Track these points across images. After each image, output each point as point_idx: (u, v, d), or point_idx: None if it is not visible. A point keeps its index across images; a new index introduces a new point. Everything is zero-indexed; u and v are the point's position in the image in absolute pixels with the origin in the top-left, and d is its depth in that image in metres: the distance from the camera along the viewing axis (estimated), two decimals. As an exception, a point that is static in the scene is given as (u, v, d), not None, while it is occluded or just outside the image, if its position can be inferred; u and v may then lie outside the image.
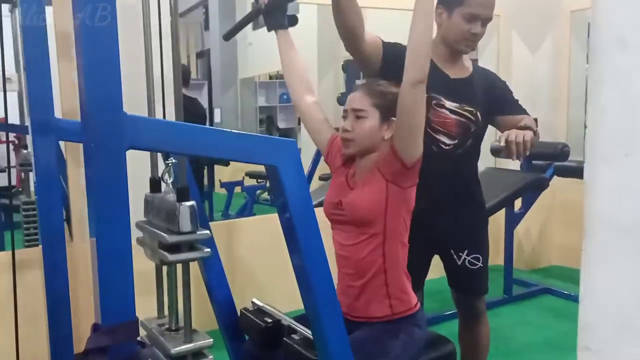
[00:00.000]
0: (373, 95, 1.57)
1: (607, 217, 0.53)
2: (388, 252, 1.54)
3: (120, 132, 0.88)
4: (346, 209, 1.56)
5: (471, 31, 1.89)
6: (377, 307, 1.55)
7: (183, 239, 1.16)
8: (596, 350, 0.55)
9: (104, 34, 0.87)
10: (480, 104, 1.99)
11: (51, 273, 1.44)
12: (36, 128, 1.38)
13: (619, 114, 0.52)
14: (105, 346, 0.90)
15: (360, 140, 1.56)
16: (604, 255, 0.54)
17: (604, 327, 0.55)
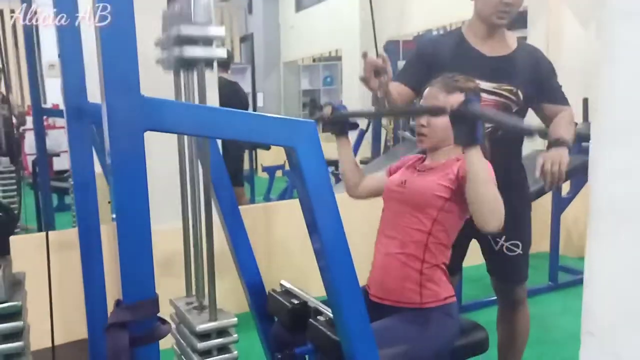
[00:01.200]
0: (449, 91, 1.61)
1: (611, 200, 0.50)
2: (431, 243, 1.55)
3: (137, 115, 0.90)
4: (408, 188, 1.60)
5: (503, 0, 1.82)
6: (407, 292, 1.54)
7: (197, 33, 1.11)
8: (599, 336, 0.53)
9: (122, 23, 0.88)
10: (522, 82, 1.92)
11: (87, 253, 1.50)
12: (70, 113, 1.43)
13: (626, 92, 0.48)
14: (126, 321, 0.93)
15: (436, 134, 1.61)
16: (609, 241, 0.51)
17: (607, 313, 0.53)
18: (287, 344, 1.59)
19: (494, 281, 2.11)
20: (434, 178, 1.56)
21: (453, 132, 1.40)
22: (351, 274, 1.14)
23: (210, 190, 1.24)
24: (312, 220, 1.11)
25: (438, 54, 1.93)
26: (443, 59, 1.90)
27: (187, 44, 1.10)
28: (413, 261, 1.54)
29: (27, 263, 1.55)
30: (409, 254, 1.55)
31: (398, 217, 1.60)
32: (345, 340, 1.20)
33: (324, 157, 1.08)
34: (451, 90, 1.61)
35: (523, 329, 2.12)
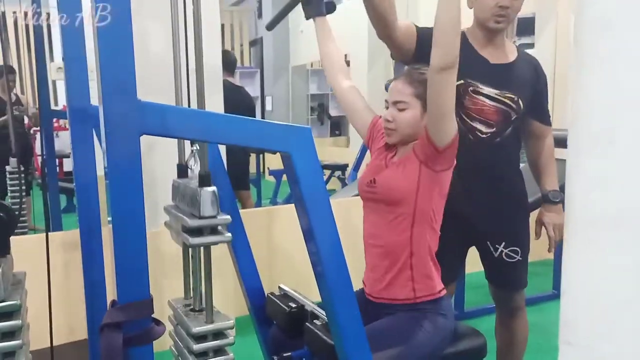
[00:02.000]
0: (414, 85, 1.56)
1: (589, 209, 0.51)
2: (416, 235, 1.53)
3: (133, 119, 0.92)
4: (378, 186, 1.57)
5: (499, 4, 1.81)
6: (400, 289, 1.54)
7: (204, 223, 1.19)
8: (577, 346, 0.53)
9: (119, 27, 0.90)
10: (523, 91, 1.92)
11: (88, 254, 1.52)
12: (73, 115, 1.45)
13: (603, 101, 0.49)
14: (120, 322, 0.94)
15: (402, 130, 1.57)
16: (585, 248, 0.52)
17: (584, 322, 0.53)
18: (285, 348, 1.59)
19: (492, 288, 2.11)
20: (401, 171, 1.54)
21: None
22: (345, 279, 1.15)
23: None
24: (307, 226, 1.11)
25: None
26: None
27: (194, 234, 1.19)
28: (402, 257, 1.53)
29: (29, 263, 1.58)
30: (396, 250, 1.54)
31: (378, 216, 1.58)
32: (339, 345, 1.21)
33: (319, 163, 1.09)
34: (415, 84, 1.55)
35: (522, 335, 2.11)
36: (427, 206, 1.53)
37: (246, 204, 4.47)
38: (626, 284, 0.49)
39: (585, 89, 0.51)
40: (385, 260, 1.56)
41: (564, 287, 0.54)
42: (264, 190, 6.53)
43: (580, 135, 0.51)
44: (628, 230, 0.49)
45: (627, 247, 0.48)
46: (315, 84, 9.97)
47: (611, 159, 0.49)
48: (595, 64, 0.50)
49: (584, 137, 0.51)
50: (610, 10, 0.48)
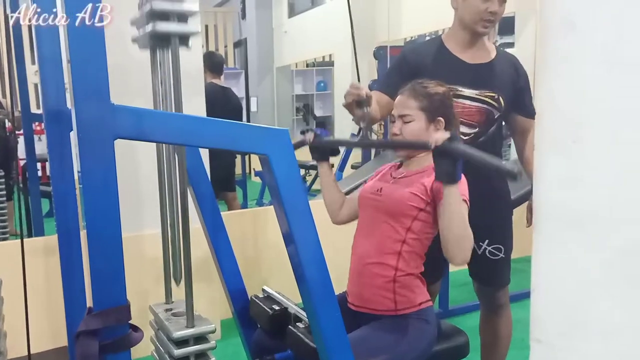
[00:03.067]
0: (418, 98, 1.61)
1: (555, 207, 0.51)
2: (405, 251, 1.55)
3: (107, 123, 0.90)
4: (384, 195, 1.60)
5: (488, 9, 1.83)
6: (382, 300, 1.54)
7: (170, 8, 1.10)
8: (547, 343, 0.54)
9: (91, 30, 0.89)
10: (504, 89, 1.93)
11: (67, 259, 1.49)
12: (49, 118, 1.43)
13: (567, 101, 0.49)
14: (96, 329, 0.93)
15: None
16: (553, 246, 0.52)
17: (554, 319, 0.53)
18: (269, 350, 1.59)
19: (476, 285, 2.12)
20: (409, 188, 1.56)
21: (435, 167, 1.42)
22: (326, 281, 1.14)
23: (186, 196, 1.23)
24: (286, 228, 1.11)
25: (420, 62, 1.94)
26: (425, 67, 1.90)
27: (161, 19, 1.10)
28: (387, 269, 1.54)
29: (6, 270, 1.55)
30: (382, 262, 1.55)
31: (373, 224, 1.60)
32: (321, 348, 1.21)
33: (297, 165, 1.09)
34: (419, 97, 1.61)
35: (505, 332, 2.13)
36: (422, 229, 1.56)
37: (232, 205, 4.44)
38: (592, 282, 0.50)
39: (549, 89, 0.51)
40: (371, 271, 1.56)
41: (533, 285, 0.54)
42: (250, 192, 6.50)
43: (545, 134, 0.52)
44: (593, 228, 0.49)
45: (592, 245, 0.49)
46: (300, 84, 9.96)
47: (575, 158, 0.50)
48: (558, 64, 0.50)
49: (549, 136, 0.51)
50: (572, 12, 0.48)
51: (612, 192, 0.47)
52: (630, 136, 0.46)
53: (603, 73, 0.47)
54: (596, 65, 0.47)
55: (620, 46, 0.45)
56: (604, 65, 0.47)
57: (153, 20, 1.09)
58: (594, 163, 0.48)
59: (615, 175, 0.47)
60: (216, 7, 10.59)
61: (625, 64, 0.45)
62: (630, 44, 0.45)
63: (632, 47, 0.44)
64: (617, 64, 0.46)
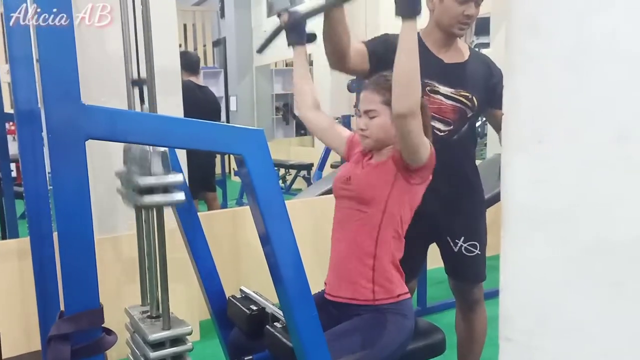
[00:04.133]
0: (381, 92, 1.59)
1: (522, 206, 0.52)
2: (382, 238, 1.55)
3: (78, 123, 0.89)
4: (353, 183, 1.60)
5: (465, 13, 1.86)
6: (360, 290, 1.54)
7: (155, 182, 1.14)
8: (516, 342, 0.54)
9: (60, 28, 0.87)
10: (477, 89, 1.96)
11: (39, 262, 1.47)
12: (21, 118, 1.40)
13: (532, 101, 0.50)
14: (68, 333, 0.91)
15: (375, 136, 1.61)
16: (520, 245, 0.53)
17: (523, 318, 0.54)
18: (246, 350, 1.58)
19: (452, 282, 2.14)
20: (377, 172, 1.57)
21: (395, 5, 1.40)
22: (303, 282, 1.14)
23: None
24: (262, 228, 1.11)
25: None
26: None
27: (147, 193, 1.14)
28: (365, 258, 1.54)
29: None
30: (360, 250, 1.55)
31: (348, 214, 1.60)
32: (298, 348, 1.21)
33: (273, 165, 1.09)
34: (382, 92, 1.58)
35: (481, 328, 2.15)
36: (397, 211, 1.55)
37: (212, 205, 4.42)
38: (559, 280, 0.50)
39: (515, 89, 0.52)
40: (349, 259, 1.57)
41: (502, 284, 0.55)
42: (230, 191, 6.47)
43: (512, 134, 0.52)
44: (559, 227, 0.50)
45: (557, 243, 0.49)
46: (279, 84, 9.93)
47: (541, 158, 0.50)
48: (524, 64, 0.51)
49: (515, 136, 0.52)
50: (538, 13, 0.49)
51: (577, 191, 0.48)
52: (593, 136, 0.47)
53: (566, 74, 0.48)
54: (560, 66, 0.48)
55: (582, 48, 0.46)
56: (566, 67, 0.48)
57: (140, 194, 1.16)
58: (558, 163, 0.49)
59: (579, 175, 0.48)
60: (194, 5, 10.50)
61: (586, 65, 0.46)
62: (590, 46, 0.45)
63: (593, 49, 0.45)
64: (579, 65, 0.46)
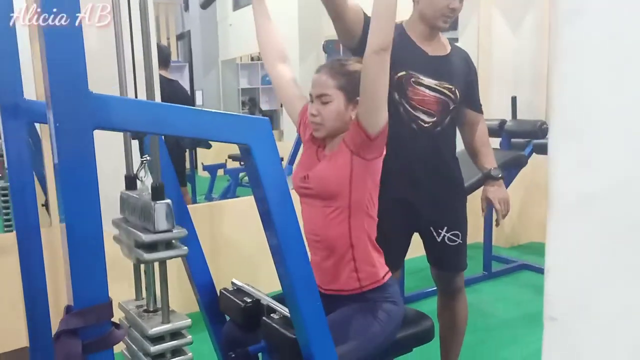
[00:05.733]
0: (336, 77, 1.54)
1: (568, 190, 0.53)
2: (354, 226, 1.53)
3: (86, 112, 0.87)
4: (312, 181, 1.55)
5: (450, 6, 1.89)
6: (346, 280, 1.55)
7: (159, 238, 1.16)
8: (561, 321, 0.56)
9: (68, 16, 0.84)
10: (459, 82, 2.00)
11: (26, 258, 1.42)
12: (5, 111, 1.35)
13: (578, 85, 0.52)
14: (77, 328, 0.89)
15: (328, 123, 1.55)
16: (566, 227, 0.54)
17: (567, 298, 0.56)
18: (240, 343, 1.57)
19: (435, 271, 2.18)
20: (333, 164, 1.53)
21: None
22: (307, 269, 1.15)
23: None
24: (268, 217, 1.10)
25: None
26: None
27: (150, 249, 1.16)
28: (342, 250, 1.53)
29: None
30: (336, 244, 1.54)
31: (314, 211, 1.57)
32: (302, 336, 1.21)
33: (278, 154, 1.08)
34: (337, 76, 1.54)
35: (463, 315, 2.21)
36: (362, 196, 1.53)
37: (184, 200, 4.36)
38: (602, 262, 0.53)
39: (561, 75, 0.53)
40: (327, 255, 1.56)
41: (547, 265, 0.56)
42: (198, 186, 6.39)
43: (559, 119, 0.54)
44: (603, 210, 0.52)
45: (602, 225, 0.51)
46: (245, 78, 9.85)
47: (586, 142, 0.52)
48: (569, 51, 0.52)
49: (561, 121, 0.54)
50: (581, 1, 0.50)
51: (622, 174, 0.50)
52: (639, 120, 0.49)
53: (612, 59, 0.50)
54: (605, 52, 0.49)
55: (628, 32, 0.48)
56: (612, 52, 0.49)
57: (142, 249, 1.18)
58: (604, 146, 0.51)
59: (625, 158, 0.50)
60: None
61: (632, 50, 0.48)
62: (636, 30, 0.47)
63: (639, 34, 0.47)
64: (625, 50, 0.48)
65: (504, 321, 3.12)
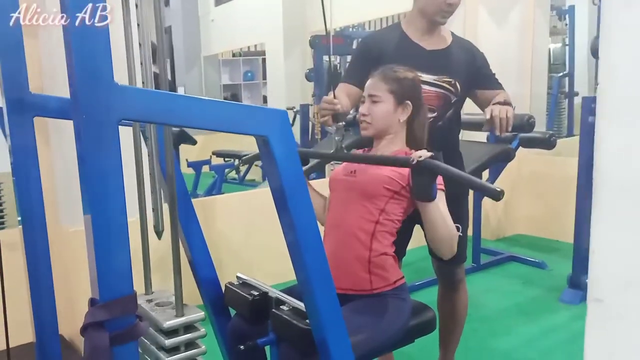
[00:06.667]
0: (388, 82, 1.68)
1: (614, 175, 0.55)
2: (379, 231, 1.59)
3: (112, 104, 0.86)
4: (358, 176, 1.64)
5: (447, 1, 1.92)
6: (356, 281, 1.58)
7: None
8: (606, 302, 0.58)
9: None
10: (459, 74, 2.02)
11: (32, 253, 1.41)
12: (11, 106, 1.33)
13: (628, 72, 0.54)
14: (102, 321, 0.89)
15: (376, 122, 1.68)
16: (611, 211, 0.57)
17: (612, 280, 0.58)
18: (247, 337, 1.57)
19: (436, 263, 2.21)
20: (385, 170, 1.60)
21: (412, 183, 1.50)
22: (323, 261, 1.16)
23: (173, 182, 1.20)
24: (284, 209, 1.11)
25: (382, 49, 1.99)
26: (387, 54, 1.95)
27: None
28: (361, 250, 1.58)
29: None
30: (356, 243, 1.58)
31: (346, 206, 1.63)
32: (317, 326, 1.22)
33: (296, 146, 1.09)
34: (389, 81, 1.67)
35: (463, 305, 2.25)
36: (394, 213, 1.60)
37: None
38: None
39: (611, 61, 0.55)
40: (345, 251, 1.59)
41: (592, 247, 0.58)
42: (183, 183, 6.33)
43: (607, 104, 0.56)
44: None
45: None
46: (227, 74, 9.81)
47: (636, 127, 0.54)
48: (619, 36, 0.54)
49: (610, 106, 0.55)
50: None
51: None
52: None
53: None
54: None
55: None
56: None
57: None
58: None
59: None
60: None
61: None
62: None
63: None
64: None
65: (495, 311, 3.18)
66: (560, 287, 3.39)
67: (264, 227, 3.44)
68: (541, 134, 3.79)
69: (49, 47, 2.45)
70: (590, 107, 2.96)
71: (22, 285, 1.34)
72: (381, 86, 1.68)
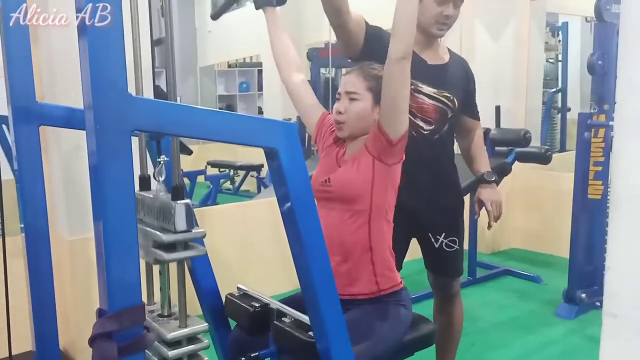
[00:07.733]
0: (367, 79, 1.59)
1: (632, 190, 0.56)
2: (374, 230, 1.55)
3: (126, 114, 0.87)
4: (334, 185, 1.57)
5: (444, 13, 1.93)
6: (364, 285, 1.56)
7: (180, 238, 1.16)
8: (621, 317, 0.59)
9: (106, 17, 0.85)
10: (458, 91, 2.04)
11: (34, 261, 1.40)
12: (17, 114, 1.34)
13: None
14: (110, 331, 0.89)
15: (353, 122, 1.59)
16: (628, 226, 0.57)
17: (628, 294, 0.59)
18: (248, 349, 1.56)
19: (432, 276, 2.21)
20: (355, 167, 1.56)
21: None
22: (328, 270, 1.16)
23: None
24: (291, 220, 1.12)
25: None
26: None
27: (169, 249, 1.16)
28: (361, 254, 1.55)
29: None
30: (355, 248, 1.55)
31: (333, 215, 1.57)
32: (321, 338, 1.22)
33: (304, 158, 1.10)
34: (368, 78, 1.60)
35: (459, 319, 2.25)
36: (382, 200, 1.56)
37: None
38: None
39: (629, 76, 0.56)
40: (343, 259, 1.57)
41: (608, 263, 0.59)
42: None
43: (625, 117, 0.57)
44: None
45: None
46: (222, 85, 9.82)
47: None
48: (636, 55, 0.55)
49: (628, 121, 0.56)
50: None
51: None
52: None
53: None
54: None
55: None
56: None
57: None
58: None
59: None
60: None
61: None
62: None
63: None
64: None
65: (490, 325, 3.19)
66: (555, 301, 3.40)
67: (260, 239, 3.44)
68: (537, 149, 3.82)
69: (48, 55, 2.45)
70: (586, 123, 3.00)
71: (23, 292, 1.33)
72: (359, 83, 1.58)
